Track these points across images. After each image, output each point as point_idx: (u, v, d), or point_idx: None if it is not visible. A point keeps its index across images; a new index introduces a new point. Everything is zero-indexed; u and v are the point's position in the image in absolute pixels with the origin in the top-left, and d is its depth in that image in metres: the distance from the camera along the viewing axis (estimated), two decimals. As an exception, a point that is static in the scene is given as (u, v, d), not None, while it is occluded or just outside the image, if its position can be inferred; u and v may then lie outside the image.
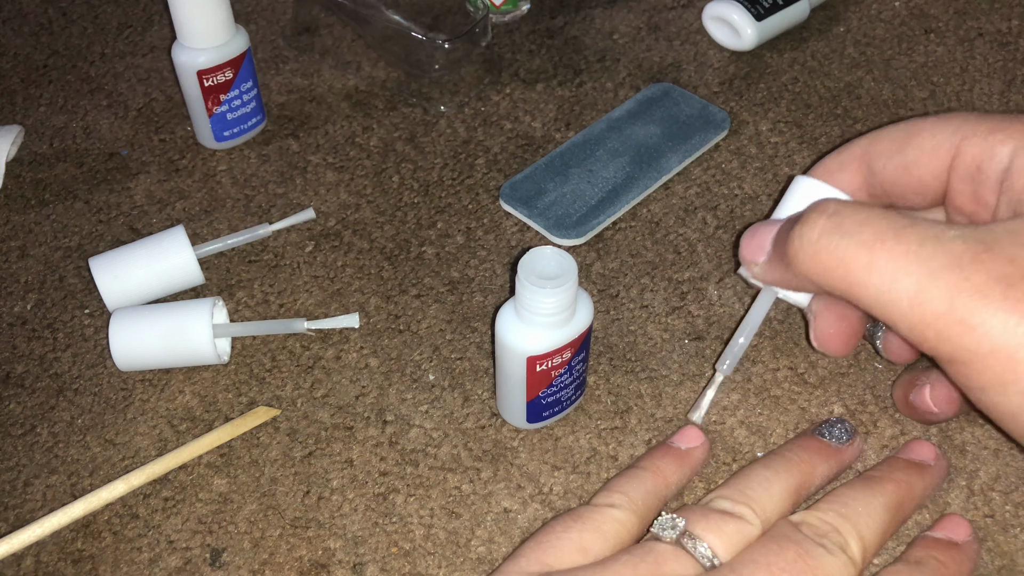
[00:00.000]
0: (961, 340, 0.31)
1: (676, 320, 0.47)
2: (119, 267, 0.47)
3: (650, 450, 0.41)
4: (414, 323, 0.47)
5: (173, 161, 0.56)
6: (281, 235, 0.51)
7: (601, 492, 0.38)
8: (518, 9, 0.64)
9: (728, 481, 0.37)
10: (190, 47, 0.52)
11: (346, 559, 0.39)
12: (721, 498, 0.36)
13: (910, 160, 0.39)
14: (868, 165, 0.40)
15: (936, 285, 0.31)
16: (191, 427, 0.43)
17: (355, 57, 0.62)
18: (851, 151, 0.41)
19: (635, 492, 0.37)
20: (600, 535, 0.36)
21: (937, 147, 0.38)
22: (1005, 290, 0.30)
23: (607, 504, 0.37)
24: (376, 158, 0.55)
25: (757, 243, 0.39)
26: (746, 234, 0.40)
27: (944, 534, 0.37)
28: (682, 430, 0.41)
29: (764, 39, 0.60)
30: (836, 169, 0.41)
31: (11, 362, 0.46)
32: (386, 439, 0.43)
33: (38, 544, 0.40)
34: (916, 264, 0.32)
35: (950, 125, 0.38)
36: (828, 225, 0.34)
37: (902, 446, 0.41)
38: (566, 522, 0.36)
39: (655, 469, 0.39)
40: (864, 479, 0.38)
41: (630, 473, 0.39)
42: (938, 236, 0.32)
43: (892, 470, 0.38)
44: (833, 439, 0.40)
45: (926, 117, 0.39)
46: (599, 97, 0.59)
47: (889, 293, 0.32)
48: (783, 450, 0.39)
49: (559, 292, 0.36)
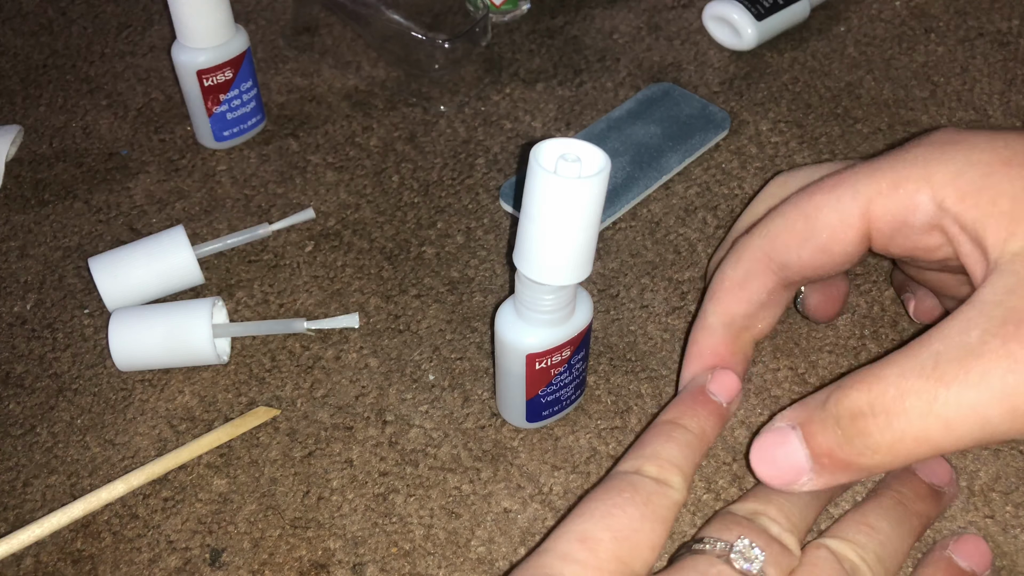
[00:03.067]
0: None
1: (676, 320, 0.47)
2: (119, 267, 0.47)
3: (689, 399, 0.38)
4: (414, 323, 0.47)
5: (173, 161, 0.56)
6: (281, 235, 0.51)
7: (650, 458, 0.36)
8: (518, 9, 0.64)
9: (767, 494, 0.35)
10: (190, 47, 0.52)
11: (346, 559, 0.39)
12: (768, 518, 0.34)
13: (822, 243, 0.36)
14: (777, 263, 0.38)
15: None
16: (191, 427, 0.43)
17: (355, 57, 0.62)
18: (749, 257, 0.39)
19: (688, 466, 0.35)
20: (664, 527, 0.34)
21: (844, 220, 0.35)
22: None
23: (664, 481, 0.35)
24: (376, 158, 0.55)
25: (789, 468, 0.34)
26: (760, 459, 0.35)
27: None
28: (718, 375, 0.39)
29: (764, 39, 0.60)
30: (743, 280, 0.39)
31: (11, 362, 0.46)
32: (386, 439, 0.43)
33: (38, 544, 0.40)
34: (980, 384, 0.29)
35: (845, 192, 0.35)
36: (880, 421, 0.31)
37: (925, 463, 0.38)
38: (635, 505, 0.33)
39: (701, 433, 0.37)
40: (894, 507, 0.36)
41: (678, 437, 0.36)
42: (970, 346, 0.30)
43: (917, 500, 0.37)
44: None
45: (810, 189, 0.37)
46: (599, 97, 0.58)
47: (996, 419, 0.29)
48: None
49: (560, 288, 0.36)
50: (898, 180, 0.34)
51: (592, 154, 0.33)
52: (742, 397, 0.40)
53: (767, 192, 0.43)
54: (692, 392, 0.39)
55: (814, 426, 0.33)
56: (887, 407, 0.31)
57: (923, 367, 0.30)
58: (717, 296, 0.40)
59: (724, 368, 0.40)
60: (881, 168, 0.35)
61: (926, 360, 0.30)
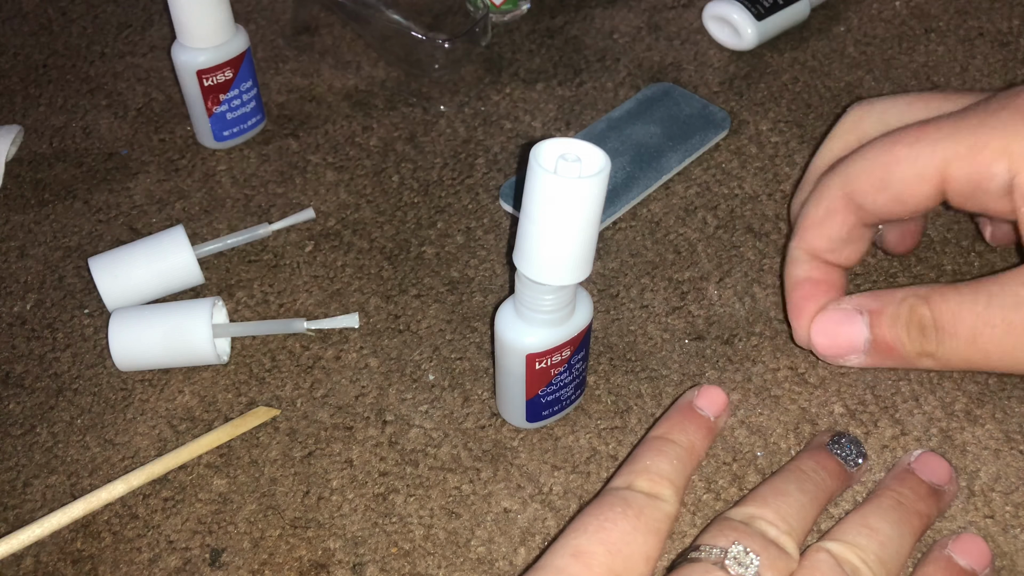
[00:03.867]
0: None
1: (676, 320, 0.47)
2: (119, 267, 0.47)
3: (677, 415, 0.39)
4: (414, 323, 0.47)
5: (173, 161, 0.56)
6: (281, 235, 0.51)
7: (641, 473, 0.36)
8: (518, 9, 0.64)
9: (764, 497, 0.36)
10: (190, 47, 0.52)
11: (346, 559, 0.39)
12: (765, 522, 0.35)
13: (898, 193, 0.38)
14: (856, 204, 0.40)
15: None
16: (191, 427, 0.43)
17: (355, 57, 0.62)
18: (830, 195, 0.41)
19: (680, 479, 0.36)
20: (658, 539, 0.34)
21: (921, 175, 0.37)
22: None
23: (655, 495, 0.35)
24: (376, 158, 0.55)
25: (846, 344, 0.40)
26: (821, 331, 0.41)
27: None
28: (704, 390, 0.40)
29: (764, 39, 0.60)
30: (824, 218, 0.41)
31: (11, 362, 0.46)
32: (386, 439, 0.43)
33: (38, 544, 0.40)
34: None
35: (924, 150, 0.37)
36: (937, 336, 0.37)
37: (919, 460, 0.39)
38: (627, 519, 0.34)
39: (690, 447, 0.38)
40: (894, 507, 0.36)
41: (667, 451, 0.37)
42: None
43: (917, 500, 0.37)
44: (848, 461, 0.39)
45: (892, 139, 0.38)
46: (599, 97, 0.58)
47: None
48: (812, 472, 0.38)
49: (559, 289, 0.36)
50: (977, 146, 0.36)
51: (592, 154, 0.33)
52: (731, 410, 0.42)
53: (842, 126, 0.44)
54: (680, 408, 0.40)
55: (884, 319, 0.39)
56: (944, 327, 0.37)
57: (976, 303, 0.36)
58: (800, 233, 0.43)
59: (710, 386, 0.41)
60: (961, 130, 0.36)
61: (981, 299, 0.36)
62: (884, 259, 0.48)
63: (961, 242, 0.49)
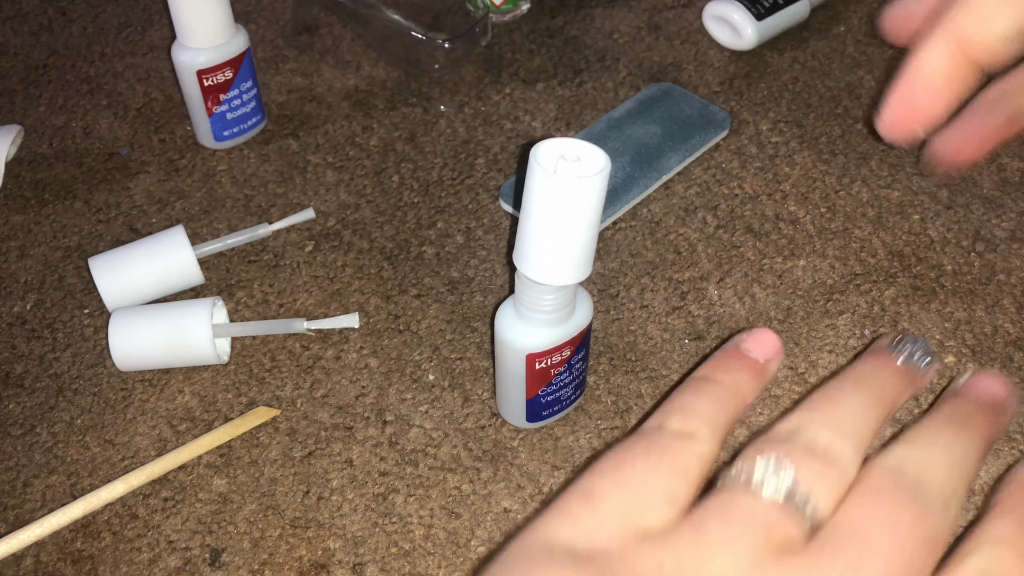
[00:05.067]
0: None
1: (676, 320, 0.47)
2: (119, 267, 0.47)
3: (722, 355, 0.35)
4: (414, 323, 0.47)
5: (173, 161, 0.56)
6: (281, 235, 0.51)
7: (674, 412, 0.32)
8: (518, 9, 0.64)
9: (816, 403, 0.31)
10: (190, 47, 0.52)
11: (346, 559, 0.39)
12: (817, 427, 0.29)
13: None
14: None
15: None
16: (191, 427, 0.43)
17: (355, 57, 0.62)
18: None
19: (718, 418, 0.31)
20: (686, 480, 0.29)
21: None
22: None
23: (687, 434, 0.31)
24: (376, 158, 0.55)
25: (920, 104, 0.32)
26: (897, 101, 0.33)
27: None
28: (754, 333, 0.35)
29: (764, 39, 0.60)
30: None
31: (11, 362, 0.46)
32: (386, 439, 0.43)
33: (38, 544, 0.40)
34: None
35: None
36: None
37: (974, 377, 0.34)
38: (648, 458, 0.30)
39: (735, 388, 0.33)
40: (961, 423, 0.31)
41: (707, 390, 0.33)
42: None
43: (983, 415, 0.32)
44: (915, 361, 0.33)
45: None
46: (599, 97, 0.58)
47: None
48: (871, 374, 0.33)
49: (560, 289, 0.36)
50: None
51: (592, 154, 0.33)
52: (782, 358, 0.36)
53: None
54: (725, 350, 0.35)
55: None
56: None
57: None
58: (955, 17, 0.33)
59: (762, 328, 0.36)
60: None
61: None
62: (884, 259, 0.48)
63: (961, 242, 0.49)
